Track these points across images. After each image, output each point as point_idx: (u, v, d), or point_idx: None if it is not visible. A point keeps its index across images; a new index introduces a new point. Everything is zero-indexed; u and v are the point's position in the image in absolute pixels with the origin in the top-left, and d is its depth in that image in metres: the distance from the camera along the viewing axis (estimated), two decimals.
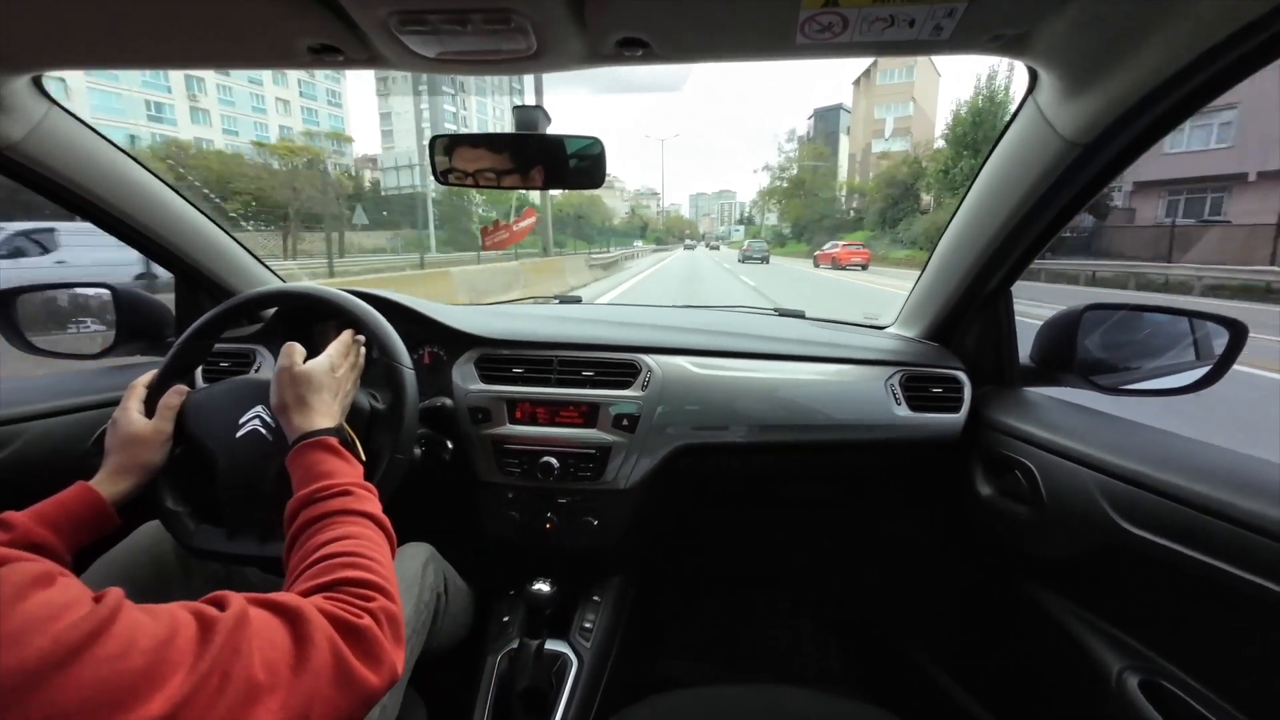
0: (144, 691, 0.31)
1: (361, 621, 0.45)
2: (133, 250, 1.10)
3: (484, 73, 0.74)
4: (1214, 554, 0.62)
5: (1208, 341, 0.91)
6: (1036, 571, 0.93)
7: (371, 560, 0.52)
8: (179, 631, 0.35)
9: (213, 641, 0.36)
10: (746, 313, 1.48)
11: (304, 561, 0.52)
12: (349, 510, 0.58)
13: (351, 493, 0.60)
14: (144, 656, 0.32)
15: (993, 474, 0.99)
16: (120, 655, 0.32)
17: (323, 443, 0.64)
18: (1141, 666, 0.72)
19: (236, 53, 0.73)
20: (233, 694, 0.35)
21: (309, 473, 0.61)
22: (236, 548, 0.72)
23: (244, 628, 0.38)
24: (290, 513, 0.59)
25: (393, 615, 0.49)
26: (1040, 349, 1.03)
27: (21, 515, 0.59)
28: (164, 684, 0.32)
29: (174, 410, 0.76)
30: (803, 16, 0.60)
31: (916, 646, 1.26)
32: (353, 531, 0.55)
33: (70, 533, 0.62)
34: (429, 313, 1.12)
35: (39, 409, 0.95)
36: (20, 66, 0.76)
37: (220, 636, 0.36)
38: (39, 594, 0.32)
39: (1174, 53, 0.59)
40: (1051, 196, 0.84)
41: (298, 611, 0.42)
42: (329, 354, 0.74)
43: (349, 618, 0.45)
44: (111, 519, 0.66)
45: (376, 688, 0.44)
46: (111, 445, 0.71)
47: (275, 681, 0.37)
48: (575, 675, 1.00)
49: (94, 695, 0.30)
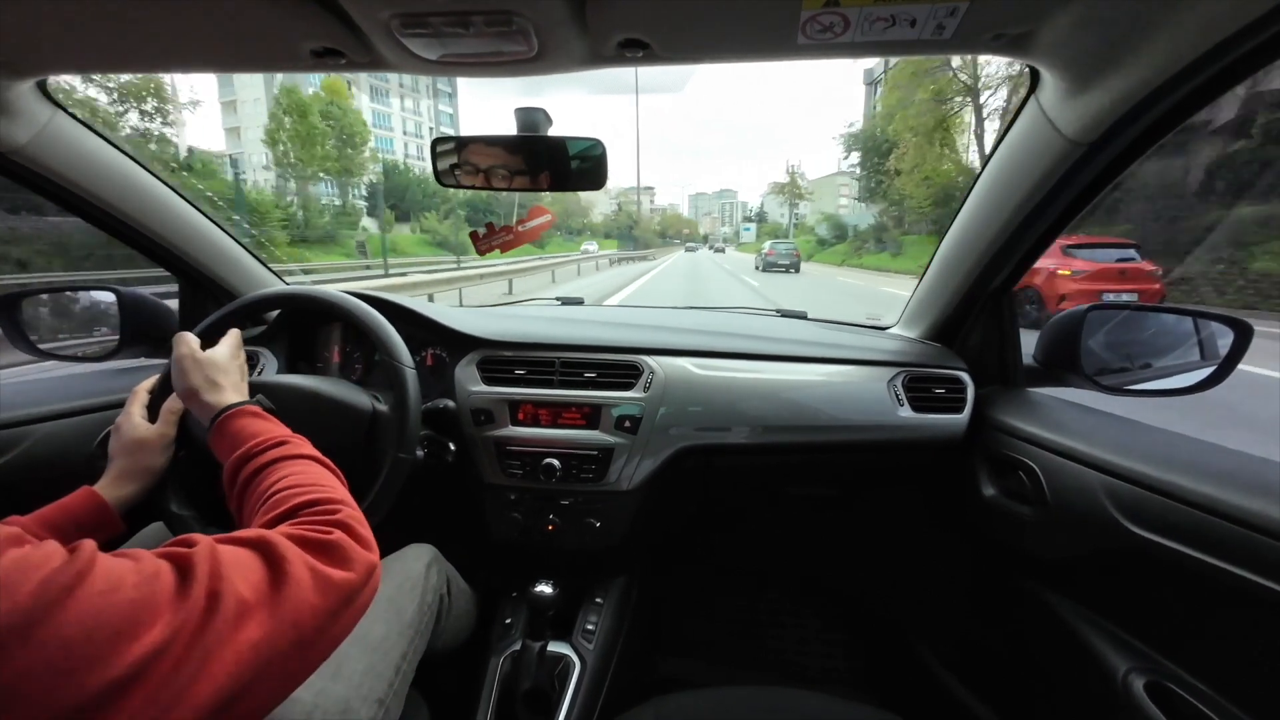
0: (142, 620, 0.32)
1: (330, 536, 0.45)
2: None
3: (485, 75, 0.74)
4: (1220, 555, 0.62)
5: (1212, 341, 0.90)
6: (1041, 573, 0.92)
7: (322, 486, 0.52)
8: (160, 569, 0.36)
9: (193, 571, 0.37)
10: (749, 314, 1.48)
11: (254, 506, 0.52)
12: (288, 456, 0.57)
13: (286, 441, 0.60)
14: (134, 590, 0.33)
15: (996, 475, 0.99)
16: (111, 590, 0.33)
17: (244, 411, 0.64)
18: (1148, 669, 0.72)
19: (239, 56, 0.73)
20: (224, 612, 0.36)
21: (237, 438, 0.61)
22: None
23: (217, 558, 0.39)
24: (228, 478, 0.58)
25: (358, 520, 0.49)
26: (1044, 349, 1.02)
27: (25, 520, 0.60)
28: (159, 612, 0.33)
29: (177, 415, 0.76)
30: (804, 17, 0.60)
31: (921, 647, 1.26)
32: (295, 469, 0.55)
33: (74, 537, 0.61)
34: (430, 314, 1.12)
35: (45, 411, 0.96)
36: (25, 71, 0.77)
37: (199, 566, 0.37)
38: (13, 550, 0.33)
39: (1177, 51, 0.59)
40: (1054, 196, 0.84)
41: (263, 538, 0.42)
42: (227, 344, 0.74)
43: (317, 536, 0.45)
44: (116, 524, 0.66)
45: (356, 583, 0.44)
46: (115, 450, 0.71)
47: (259, 598, 0.38)
48: (578, 677, 1.00)
49: (95, 626, 0.31)
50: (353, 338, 1.12)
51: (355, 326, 0.86)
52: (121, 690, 0.30)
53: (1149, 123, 0.69)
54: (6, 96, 0.78)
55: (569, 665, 1.02)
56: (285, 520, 0.48)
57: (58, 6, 0.62)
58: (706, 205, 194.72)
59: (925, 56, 0.72)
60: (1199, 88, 0.63)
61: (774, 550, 1.66)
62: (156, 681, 0.32)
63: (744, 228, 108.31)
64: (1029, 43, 0.66)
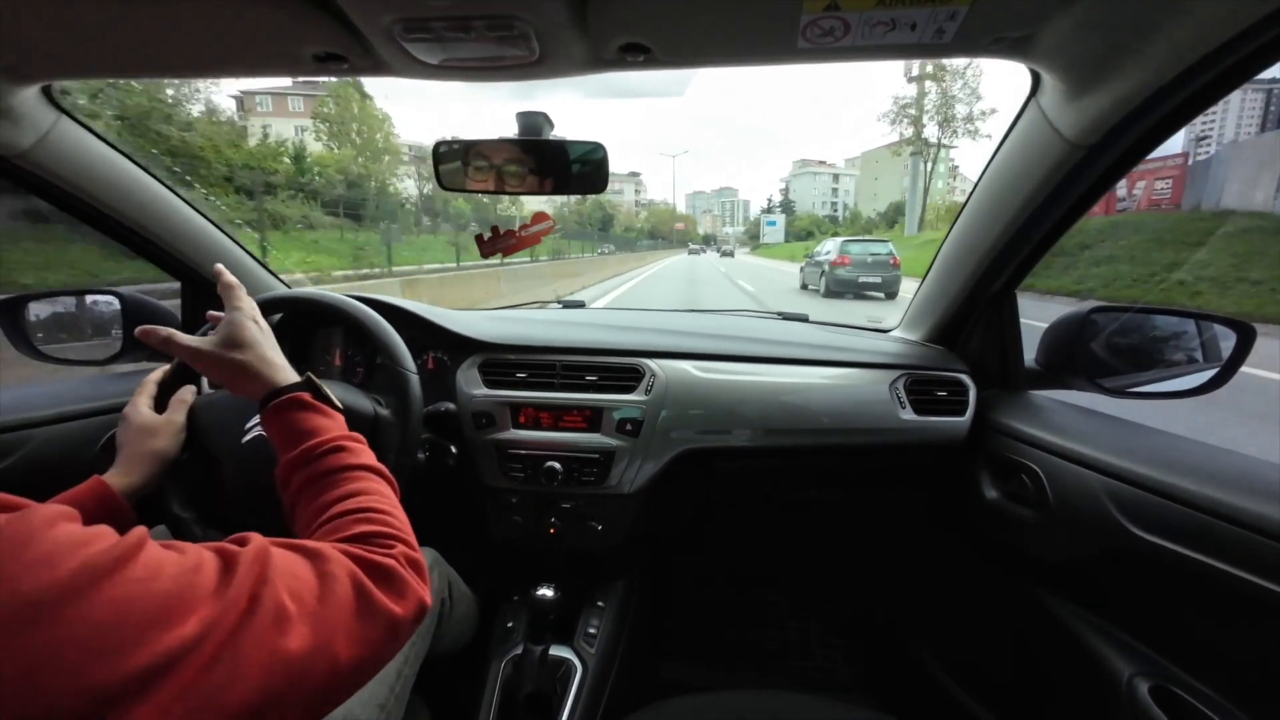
0: (177, 611, 0.32)
1: (385, 560, 0.45)
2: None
3: (487, 79, 0.74)
4: (1224, 558, 0.62)
5: (1215, 343, 0.90)
6: (1043, 575, 0.92)
7: (384, 514, 0.51)
8: (204, 563, 0.36)
9: (237, 570, 0.36)
10: (750, 316, 1.48)
11: (313, 523, 0.51)
12: (347, 466, 0.56)
13: (345, 447, 0.57)
14: (172, 581, 0.33)
15: (998, 477, 0.99)
16: (149, 578, 0.33)
17: (297, 399, 0.60)
18: (1152, 672, 0.72)
19: (242, 61, 0.74)
20: (263, 617, 0.35)
21: (292, 432, 0.58)
22: None
23: (267, 560, 0.38)
24: (282, 478, 0.56)
25: (415, 560, 0.48)
26: (1045, 352, 1.02)
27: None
28: (196, 605, 0.33)
29: (186, 405, 0.76)
30: (804, 21, 0.60)
31: (923, 651, 1.25)
32: (358, 488, 0.53)
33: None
34: (432, 318, 1.12)
35: (47, 414, 0.96)
36: (29, 77, 0.77)
37: (244, 566, 0.37)
38: (67, 525, 0.33)
39: (1178, 54, 0.59)
40: (1055, 199, 0.84)
41: (318, 550, 0.42)
42: (242, 308, 0.69)
43: (373, 557, 0.44)
44: (127, 513, 0.65)
45: (403, 618, 0.43)
46: (123, 439, 0.71)
47: (301, 610, 0.37)
48: (580, 680, 1.00)
49: (128, 611, 0.31)
50: (354, 341, 1.13)
51: (357, 330, 0.86)
52: (150, 679, 0.30)
53: (1149, 125, 0.69)
54: (11, 102, 0.79)
55: (570, 669, 1.01)
56: (347, 543, 0.47)
57: (62, 13, 0.63)
58: (706, 204, 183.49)
59: (925, 60, 0.72)
60: (1200, 90, 0.63)
61: (775, 553, 1.66)
62: (188, 677, 0.31)
63: (767, 221, 76.34)
64: (1029, 46, 0.66)
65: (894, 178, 60.52)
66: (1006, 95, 14.01)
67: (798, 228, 67.21)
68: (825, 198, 64.16)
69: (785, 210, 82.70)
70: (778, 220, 75.76)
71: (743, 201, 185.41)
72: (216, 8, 0.61)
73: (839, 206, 48.95)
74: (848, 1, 0.57)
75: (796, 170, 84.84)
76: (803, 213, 75.10)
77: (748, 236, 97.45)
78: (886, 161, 60.77)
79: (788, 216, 75.53)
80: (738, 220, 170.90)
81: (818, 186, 77.51)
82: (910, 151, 31.56)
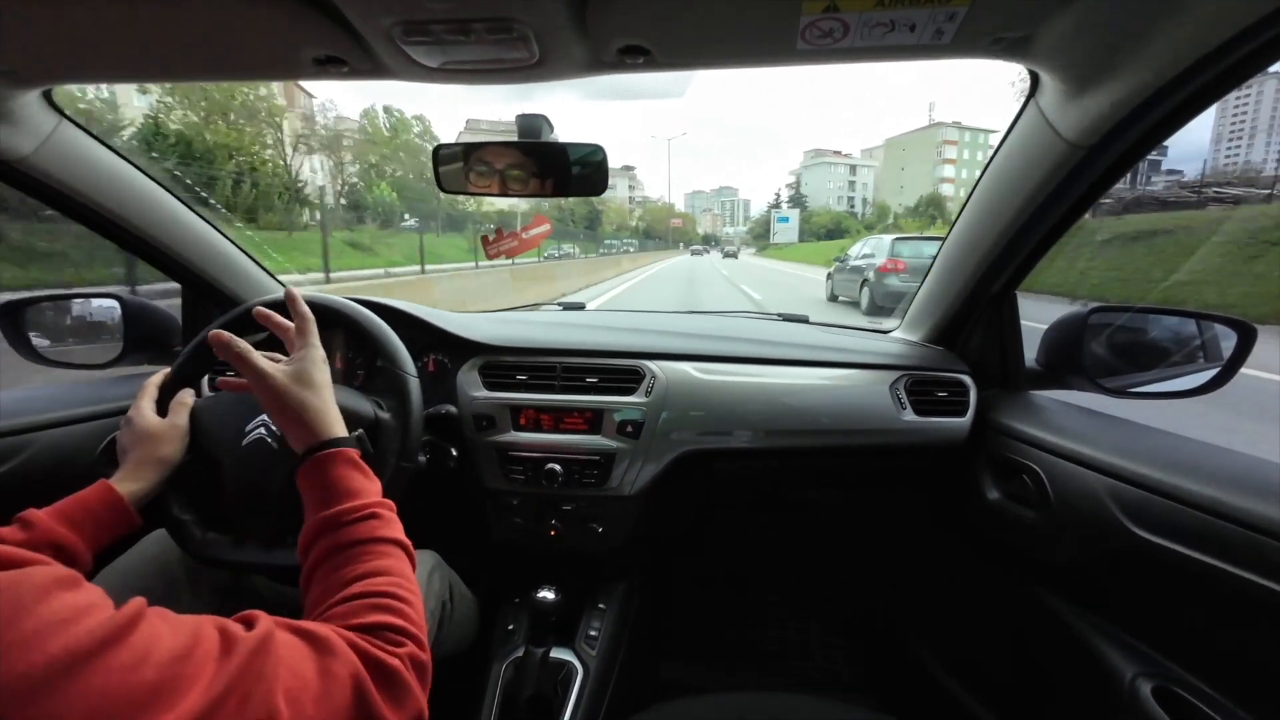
0: (155, 705, 0.30)
1: (391, 661, 0.43)
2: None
3: (487, 82, 0.74)
4: (1227, 558, 0.61)
5: (1215, 343, 0.90)
6: (1045, 576, 0.92)
7: (403, 603, 0.49)
8: (199, 645, 0.34)
9: (232, 659, 0.35)
10: (750, 318, 1.48)
11: (329, 597, 0.49)
12: (377, 538, 0.53)
13: (379, 515, 0.55)
14: (157, 670, 0.31)
15: (999, 478, 0.99)
16: (133, 666, 0.31)
17: (343, 454, 0.58)
18: (1155, 673, 0.71)
19: (242, 65, 0.74)
20: (251, 717, 0.34)
21: (330, 491, 0.56)
22: (242, 555, 0.72)
23: (268, 651, 0.37)
24: (309, 535, 0.54)
25: (422, 664, 0.46)
26: (1046, 352, 1.02)
27: (42, 513, 0.59)
28: (178, 700, 0.31)
29: (187, 408, 0.76)
30: (803, 22, 0.60)
31: (924, 652, 1.25)
32: (382, 566, 0.51)
33: (91, 531, 0.61)
34: (432, 320, 1.13)
35: (47, 419, 0.96)
36: (31, 81, 0.77)
37: (240, 657, 0.35)
38: (61, 595, 0.31)
39: (1177, 53, 0.59)
40: (1055, 199, 0.84)
41: (326, 641, 0.41)
42: (318, 345, 0.67)
43: (379, 655, 0.43)
44: (132, 518, 0.65)
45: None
46: (128, 443, 0.71)
47: (295, 713, 0.36)
48: (581, 683, 1.00)
49: (101, 706, 0.29)
50: (355, 343, 1.13)
51: (357, 333, 0.87)
52: None
53: (1149, 125, 0.70)
54: (12, 106, 0.79)
55: (571, 671, 1.01)
56: (355, 632, 0.45)
57: (63, 18, 0.63)
58: (705, 203, 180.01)
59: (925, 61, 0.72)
60: (1199, 90, 0.63)
61: (775, 553, 1.66)
62: None
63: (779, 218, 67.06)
64: (1028, 47, 0.66)
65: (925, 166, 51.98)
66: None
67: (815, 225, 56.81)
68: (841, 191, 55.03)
69: (798, 204, 71.61)
70: (791, 217, 65.46)
71: (743, 200, 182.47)
72: (217, 13, 0.61)
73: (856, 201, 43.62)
74: (846, 3, 0.57)
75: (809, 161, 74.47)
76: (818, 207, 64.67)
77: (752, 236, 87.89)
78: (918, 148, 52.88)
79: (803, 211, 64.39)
80: (738, 220, 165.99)
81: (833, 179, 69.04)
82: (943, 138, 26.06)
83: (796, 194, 77.56)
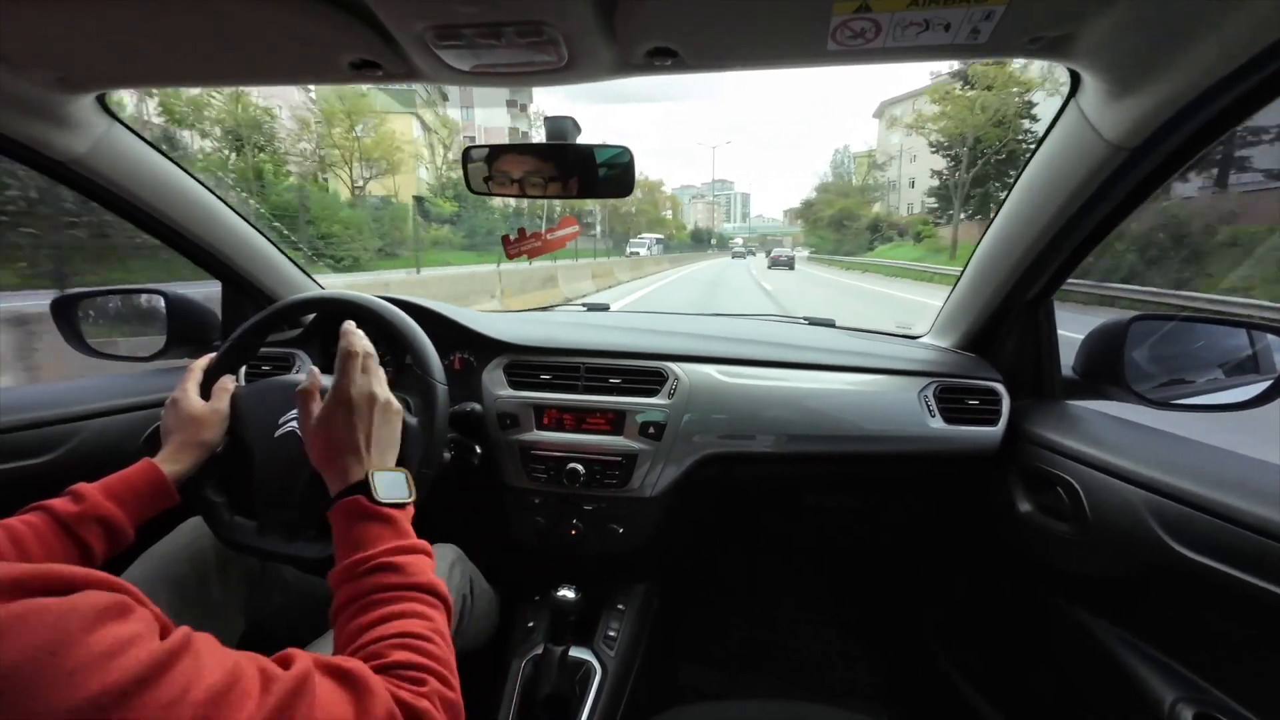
0: None
1: (420, 704, 0.43)
2: None
3: (517, 84, 0.75)
4: (1275, 580, 0.58)
5: (1268, 354, 0.86)
6: (1079, 592, 0.89)
7: (422, 639, 0.49)
8: (238, 683, 0.34)
9: (269, 699, 0.35)
10: (775, 321, 1.46)
11: (349, 644, 0.49)
12: (388, 586, 0.53)
13: (392, 567, 0.54)
14: (193, 710, 0.31)
15: (1032, 490, 0.96)
16: (170, 704, 0.31)
17: (355, 504, 0.58)
18: (1197, 699, 0.68)
19: (282, 69, 0.76)
20: None
21: (346, 537, 0.57)
22: (264, 543, 0.74)
23: (306, 692, 0.37)
24: (339, 575, 0.55)
25: (450, 702, 0.47)
26: (1084, 361, 0.99)
27: (91, 488, 0.64)
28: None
29: (229, 394, 0.80)
30: (834, 22, 0.59)
31: (946, 664, 1.22)
32: (397, 610, 0.51)
33: (134, 506, 0.66)
34: (460, 319, 1.14)
35: (95, 408, 1.01)
36: (85, 86, 0.81)
37: (277, 697, 0.35)
38: (108, 627, 0.31)
39: (1227, 53, 0.56)
40: (1095, 202, 0.81)
41: (363, 683, 0.41)
42: (349, 380, 0.66)
43: (409, 698, 0.43)
44: (172, 495, 0.70)
45: None
46: (172, 425, 0.75)
47: None
48: (599, 683, 1.00)
49: None
50: (384, 341, 1.15)
51: (387, 332, 0.88)
52: None
53: (1196, 127, 0.67)
54: (69, 109, 0.83)
55: (590, 671, 1.01)
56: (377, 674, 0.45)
57: (113, 27, 0.66)
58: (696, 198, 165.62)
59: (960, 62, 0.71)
60: (1250, 91, 0.60)
61: (798, 559, 1.64)
62: None
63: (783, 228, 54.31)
64: (1069, 45, 0.64)
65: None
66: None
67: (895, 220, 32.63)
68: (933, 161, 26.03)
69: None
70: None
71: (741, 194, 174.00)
72: (260, 20, 0.63)
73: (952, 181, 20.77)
74: (879, 3, 0.56)
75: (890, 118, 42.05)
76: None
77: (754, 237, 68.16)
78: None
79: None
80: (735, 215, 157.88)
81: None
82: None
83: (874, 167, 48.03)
